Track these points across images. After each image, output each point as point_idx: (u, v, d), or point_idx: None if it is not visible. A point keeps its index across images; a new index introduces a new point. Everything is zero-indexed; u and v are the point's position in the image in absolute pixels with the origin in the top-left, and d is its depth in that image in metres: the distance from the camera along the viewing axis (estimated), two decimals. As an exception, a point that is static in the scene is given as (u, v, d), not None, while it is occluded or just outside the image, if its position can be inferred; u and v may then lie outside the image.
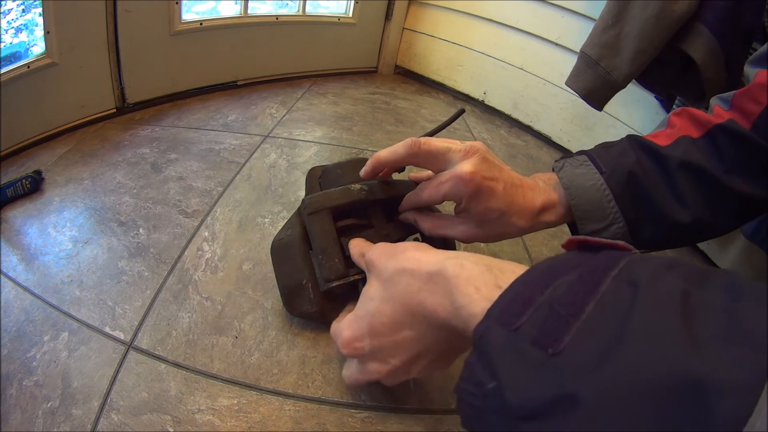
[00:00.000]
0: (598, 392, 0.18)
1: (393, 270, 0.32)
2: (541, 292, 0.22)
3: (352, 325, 0.35)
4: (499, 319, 0.22)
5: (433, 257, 0.31)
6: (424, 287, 0.30)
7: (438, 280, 0.29)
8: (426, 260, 0.31)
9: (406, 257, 0.32)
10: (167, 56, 0.90)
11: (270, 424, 0.41)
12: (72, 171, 0.69)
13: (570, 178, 0.42)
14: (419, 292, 0.30)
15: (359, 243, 0.42)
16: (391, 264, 0.33)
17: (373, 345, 0.34)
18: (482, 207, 0.40)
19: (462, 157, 0.39)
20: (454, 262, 0.28)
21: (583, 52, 0.68)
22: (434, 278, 0.29)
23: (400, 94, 1.15)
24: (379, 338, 0.33)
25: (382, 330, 0.33)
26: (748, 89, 0.39)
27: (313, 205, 0.45)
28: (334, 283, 0.43)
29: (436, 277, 0.29)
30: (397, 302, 0.32)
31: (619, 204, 0.40)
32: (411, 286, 0.31)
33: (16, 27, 0.71)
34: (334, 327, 0.38)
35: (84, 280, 0.52)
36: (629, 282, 0.20)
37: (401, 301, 0.31)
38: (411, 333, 0.32)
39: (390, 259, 0.33)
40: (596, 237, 0.42)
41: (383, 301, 0.33)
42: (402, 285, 0.31)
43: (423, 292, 0.30)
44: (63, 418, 0.39)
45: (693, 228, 0.40)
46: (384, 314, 0.32)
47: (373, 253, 0.36)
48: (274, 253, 0.48)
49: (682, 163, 0.39)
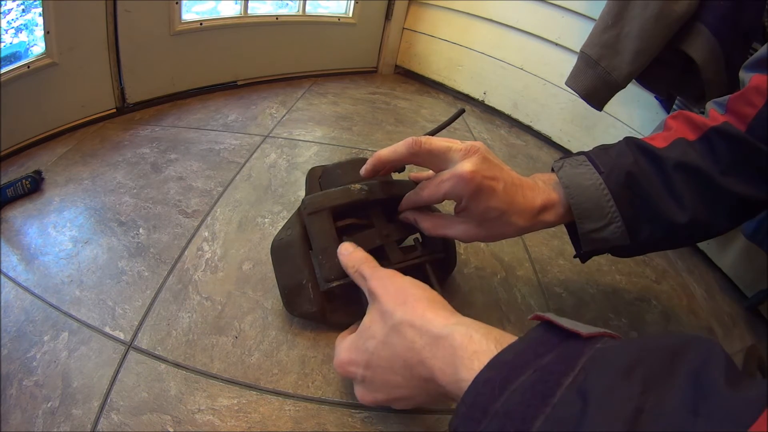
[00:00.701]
0: None
1: (400, 319, 0.32)
2: (498, 398, 0.22)
3: (351, 350, 0.36)
4: (464, 420, 0.23)
5: (443, 319, 0.31)
6: (428, 348, 0.30)
7: (444, 345, 0.29)
8: (436, 322, 0.31)
9: (416, 311, 0.32)
10: (167, 56, 0.90)
11: (270, 424, 0.41)
12: (72, 171, 0.69)
13: (569, 178, 0.42)
14: (422, 350, 0.30)
15: (352, 254, 0.41)
16: (400, 313, 0.33)
17: (364, 376, 0.35)
18: (482, 206, 0.40)
19: (462, 156, 0.39)
20: (463, 330, 0.29)
21: (583, 52, 0.68)
22: (441, 342, 0.29)
23: (400, 94, 1.15)
24: (372, 372, 0.34)
25: (376, 368, 0.34)
26: (743, 93, 0.40)
27: (313, 205, 0.45)
28: (334, 283, 0.43)
29: (443, 341, 0.29)
30: (398, 352, 0.32)
31: (617, 203, 0.41)
32: (415, 343, 0.31)
33: (16, 27, 0.71)
34: (338, 342, 0.39)
35: (84, 280, 0.52)
36: (580, 393, 0.20)
37: (401, 354, 0.32)
38: (402, 381, 0.33)
39: (399, 306, 0.33)
40: (595, 236, 0.43)
41: (384, 345, 0.33)
42: (407, 339, 0.31)
43: (426, 352, 0.30)
44: (63, 418, 0.39)
45: (690, 228, 0.41)
46: (382, 357, 0.33)
47: (377, 285, 0.36)
48: (274, 253, 0.48)
49: (678, 164, 0.40)
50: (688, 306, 0.65)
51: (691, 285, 0.69)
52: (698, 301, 0.67)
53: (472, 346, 0.27)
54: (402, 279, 0.36)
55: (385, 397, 0.35)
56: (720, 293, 0.70)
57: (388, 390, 0.34)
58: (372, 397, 0.36)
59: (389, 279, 0.36)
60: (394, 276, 0.37)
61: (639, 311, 0.61)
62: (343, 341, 0.38)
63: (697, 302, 0.66)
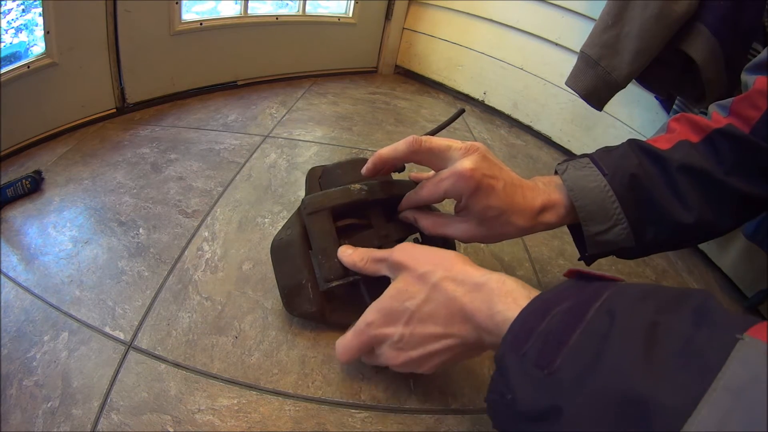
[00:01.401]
0: (575, 405, 0.23)
1: (442, 276, 0.35)
2: (541, 322, 0.27)
3: (385, 314, 0.37)
4: (511, 345, 0.28)
5: (479, 271, 0.35)
6: (468, 294, 0.34)
7: (483, 290, 0.33)
8: (473, 273, 0.35)
9: (454, 268, 0.36)
10: (167, 56, 0.90)
11: (270, 424, 0.41)
12: (72, 171, 0.69)
13: (573, 180, 0.42)
14: (463, 296, 0.34)
15: (354, 252, 0.43)
16: (440, 272, 0.36)
17: (402, 334, 0.36)
18: (482, 205, 0.40)
19: (462, 154, 0.40)
20: (497, 277, 0.34)
21: (583, 52, 0.68)
22: (480, 288, 0.34)
23: (400, 94, 1.15)
24: (411, 329, 0.36)
25: (416, 324, 0.36)
26: (747, 96, 0.40)
27: (313, 205, 0.45)
28: (333, 283, 0.43)
29: (481, 287, 0.33)
30: (441, 304, 0.35)
31: (622, 205, 0.41)
32: (457, 291, 0.34)
33: (16, 27, 0.71)
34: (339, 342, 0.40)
35: (84, 280, 0.52)
36: (608, 313, 0.25)
37: (444, 303, 0.35)
38: (442, 331, 0.35)
39: (437, 266, 0.36)
40: (601, 238, 0.43)
41: (426, 301, 0.35)
42: (449, 291, 0.35)
43: (466, 297, 0.34)
44: (63, 418, 0.39)
45: (696, 229, 0.41)
46: (424, 312, 0.35)
47: (403, 256, 0.38)
48: (274, 252, 0.48)
49: (682, 165, 0.40)
50: (688, 306, 0.65)
51: (691, 285, 0.69)
52: (698, 301, 0.66)
53: (506, 288, 0.32)
54: (425, 247, 0.39)
55: (420, 353, 0.36)
56: (720, 293, 0.70)
57: (425, 345, 0.36)
58: (406, 357, 0.37)
59: (414, 249, 0.39)
60: (415, 246, 0.39)
61: (639, 311, 0.61)
62: (368, 312, 0.39)
63: (697, 302, 0.66)
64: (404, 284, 0.37)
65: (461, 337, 0.34)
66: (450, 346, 0.35)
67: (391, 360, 0.38)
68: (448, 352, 0.36)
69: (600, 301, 0.26)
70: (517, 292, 0.32)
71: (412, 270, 0.37)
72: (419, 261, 0.37)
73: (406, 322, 0.36)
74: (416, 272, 0.37)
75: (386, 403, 0.44)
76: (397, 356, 0.37)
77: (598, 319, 0.25)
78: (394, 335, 0.37)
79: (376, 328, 0.38)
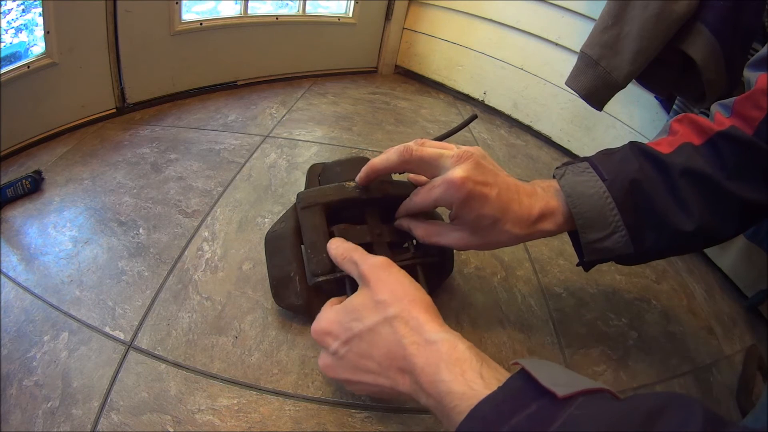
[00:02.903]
0: None
1: (395, 314, 0.33)
2: None
3: (334, 323, 0.37)
4: None
5: (435, 326, 0.32)
6: (416, 346, 0.32)
7: (432, 349, 0.31)
8: (428, 326, 0.32)
9: (413, 311, 0.33)
10: (167, 56, 0.90)
11: (270, 424, 0.41)
12: (72, 171, 0.69)
13: (572, 186, 0.41)
14: (409, 346, 0.32)
15: (341, 245, 0.42)
16: (397, 308, 0.34)
17: (338, 351, 0.36)
18: (474, 213, 0.39)
19: (454, 162, 0.39)
20: (450, 340, 0.31)
21: (583, 52, 0.68)
22: (430, 346, 0.31)
23: (400, 94, 1.15)
24: (347, 351, 0.35)
25: (354, 349, 0.35)
26: (750, 95, 0.39)
27: (307, 200, 0.46)
28: (320, 277, 0.43)
29: (432, 346, 0.31)
30: (384, 342, 0.33)
31: (621, 212, 0.40)
32: (405, 338, 0.32)
33: (16, 27, 0.71)
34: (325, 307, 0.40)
35: (84, 280, 0.52)
36: None
37: (387, 345, 0.33)
38: (376, 369, 0.34)
39: (396, 301, 0.34)
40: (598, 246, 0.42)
41: (371, 331, 0.34)
42: (398, 333, 0.33)
43: (413, 349, 0.31)
44: (63, 418, 0.39)
45: (697, 236, 0.40)
46: (364, 341, 0.34)
47: (371, 273, 0.36)
48: (267, 244, 0.49)
49: (684, 170, 0.39)
50: (688, 306, 0.65)
51: (691, 285, 0.69)
52: (698, 301, 0.67)
53: (455, 354, 0.30)
54: (398, 273, 0.37)
55: (349, 377, 0.36)
56: (720, 293, 0.70)
57: (357, 373, 0.35)
58: (336, 373, 0.37)
59: (385, 270, 0.37)
60: (390, 267, 0.37)
61: (639, 311, 0.61)
62: (328, 310, 0.38)
63: (697, 302, 0.66)
64: (359, 302, 0.36)
65: (394, 382, 0.33)
66: (378, 384, 0.34)
67: (320, 365, 0.38)
68: (375, 389, 0.35)
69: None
70: (467, 363, 0.29)
71: (372, 291, 0.35)
72: (382, 285, 0.35)
73: (345, 341, 0.35)
74: (375, 296, 0.35)
75: (386, 403, 0.44)
76: (326, 366, 0.37)
77: None
78: (330, 348, 0.36)
79: (318, 334, 0.37)
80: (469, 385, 0.28)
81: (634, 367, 0.53)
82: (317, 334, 0.38)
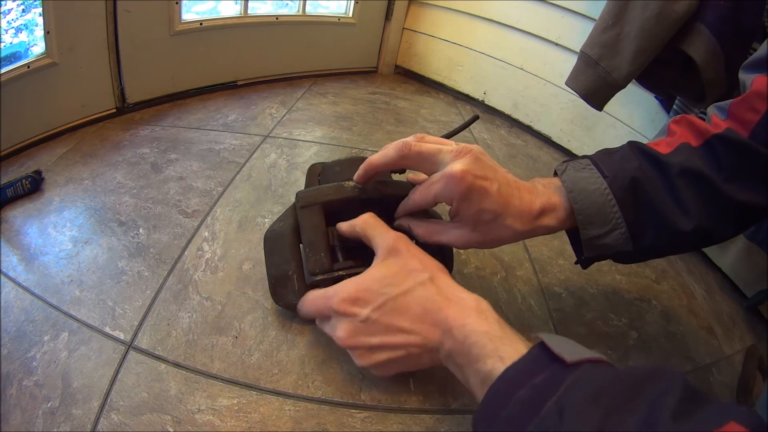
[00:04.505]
0: None
1: (429, 278, 0.37)
2: (504, 407, 0.28)
3: (362, 290, 0.37)
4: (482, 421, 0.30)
5: (462, 288, 0.37)
6: (447, 302, 0.35)
7: (463, 303, 0.35)
8: (456, 289, 0.37)
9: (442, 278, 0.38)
10: (167, 56, 0.90)
11: (270, 424, 0.41)
12: (72, 171, 0.69)
13: (573, 182, 0.41)
14: (442, 301, 0.35)
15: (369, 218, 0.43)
16: (429, 274, 0.37)
17: (369, 317, 0.36)
18: (475, 208, 0.39)
19: (453, 157, 0.39)
20: (475, 298, 0.36)
21: (583, 52, 0.68)
22: (461, 301, 0.35)
23: (400, 94, 1.15)
24: (380, 314, 0.36)
25: (388, 311, 0.36)
26: (746, 98, 0.39)
27: (305, 199, 0.46)
28: (318, 276, 0.44)
29: (462, 301, 0.35)
30: (419, 300, 0.36)
31: (621, 209, 0.40)
32: (440, 296, 0.36)
33: (16, 27, 0.71)
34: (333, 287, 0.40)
35: (84, 280, 0.52)
36: (559, 411, 0.26)
37: (422, 301, 0.36)
38: (409, 326, 0.35)
39: (428, 269, 0.38)
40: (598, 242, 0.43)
41: (407, 293, 0.36)
42: (431, 293, 0.36)
43: (445, 304, 0.35)
44: (63, 418, 0.39)
45: (694, 236, 0.40)
46: (399, 302, 0.36)
47: (401, 243, 0.39)
48: (266, 243, 0.49)
49: (682, 170, 0.39)
50: (688, 306, 0.65)
51: (691, 285, 0.69)
52: (698, 301, 0.67)
53: (482, 306, 0.35)
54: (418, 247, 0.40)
55: (377, 341, 0.36)
56: (720, 293, 0.70)
57: (388, 334, 0.36)
58: (361, 341, 0.37)
59: (410, 243, 0.40)
60: (411, 241, 0.41)
61: (639, 311, 0.61)
62: (345, 283, 0.39)
63: (697, 302, 0.66)
64: (390, 270, 0.38)
65: (424, 338, 0.35)
66: (409, 343, 0.36)
67: (342, 336, 0.37)
68: (402, 350, 0.36)
69: (557, 395, 0.26)
70: (489, 313, 0.34)
71: (405, 261, 0.38)
72: (411, 255, 0.38)
73: (379, 305, 0.36)
74: (408, 265, 0.38)
75: (386, 403, 0.44)
76: (351, 336, 0.37)
77: (548, 417, 0.26)
78: (361, 315, 0.36)
79: (346, 303, 0.37)
80: (490, 326, 0.32)
81: (634, 367, 0.53)
82: (343, 303, 0.37)
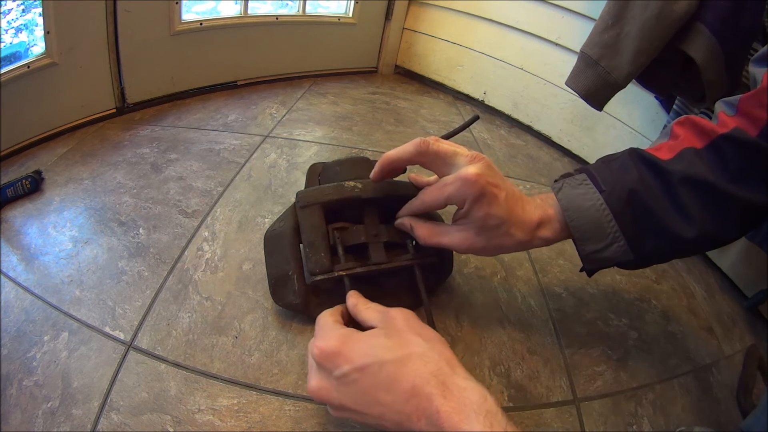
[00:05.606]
0: None
1: (428, 350, 0.33)
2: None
3: (348, 343, 0.34)
4: None
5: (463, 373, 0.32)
6: (442, 390, 0.30)
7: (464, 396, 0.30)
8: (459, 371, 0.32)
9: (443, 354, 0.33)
10: (167, 56, 0.89)
11: (270, 424, 0.41)
12: (72, 171, 0.69)
13: (569, 199, 0.42)
14: (435, 388, 0.30)
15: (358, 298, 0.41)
16: (427, 347, 0.33)
17: (349, 376, 0.33)
18: (484, 212, 0.40)
19: (468, 161, 0.40)
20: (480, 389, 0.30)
21: (583, 52, 0.68)
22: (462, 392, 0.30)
23: (400, 94, 1.15)
24: (361, 377, 0.33)
25: (371, 377, 0.32)
26: (756, 93, 0.38)
27: (306, 199, 0.46)
28: (318, 276, 0.44)
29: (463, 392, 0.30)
30: (409, 377, 0.31)
31: (619, 223, 0.40)
32: (436, 377, 0.31)
33: (16, 27, 0.71)
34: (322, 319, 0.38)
35: (84, 280, 0.52)
36: None
37: (413, 381, 0.31)
38: (389, 402, 0.31)
39: (425, 341, 0.34)
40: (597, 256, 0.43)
41: (397, 363, 0.32)
42: (425, 371, 0.31)
43: (438, 391, 0.30)
44: (63, 418, 0.39)
45: (698, 241, 0.40)
46: (385, 371, 0.32)
47: (398, 312, 0.37)
48: (266, 243, 0.49)
49: (684, 177, 0.38)
50: (688, 306, 0.65)
51: (691, 285, 0.69)
52: (698, 301, 0.67)
53: (486, 406, 0.29)
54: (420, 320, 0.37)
55: (350, 405, 0.33)
56: (720, 293, 0.70)
57: (362, 403, 0.32)
58: (332, 399, 0.34)
59: (411, 314, 0.37)
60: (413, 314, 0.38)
61: (639, 311, 0.61)
62: (334, 329, 0.36)
63: (697, 302, 0.66)
64: (385, 333, 0.35)
65: (407, 421, 0.31)
66: (385, 420, 0.32)
67: (313, 386, 0.35)
68: (373, 421, 0.32)
69: None
70: (495, 417, 0.29)
71: (401, 329, 0.35)
72: (410, 327, 0.35)
73: (361, 367, 0.32)
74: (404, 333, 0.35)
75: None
76: (322, 388, 0.34)
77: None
78: (339, 369, 0.33)
79: (331, 350, 0.34)
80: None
81: (634, 367, 0.53)
82: (323, 352, 0.34)
